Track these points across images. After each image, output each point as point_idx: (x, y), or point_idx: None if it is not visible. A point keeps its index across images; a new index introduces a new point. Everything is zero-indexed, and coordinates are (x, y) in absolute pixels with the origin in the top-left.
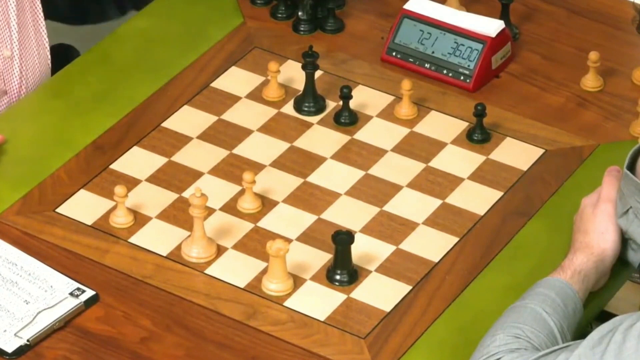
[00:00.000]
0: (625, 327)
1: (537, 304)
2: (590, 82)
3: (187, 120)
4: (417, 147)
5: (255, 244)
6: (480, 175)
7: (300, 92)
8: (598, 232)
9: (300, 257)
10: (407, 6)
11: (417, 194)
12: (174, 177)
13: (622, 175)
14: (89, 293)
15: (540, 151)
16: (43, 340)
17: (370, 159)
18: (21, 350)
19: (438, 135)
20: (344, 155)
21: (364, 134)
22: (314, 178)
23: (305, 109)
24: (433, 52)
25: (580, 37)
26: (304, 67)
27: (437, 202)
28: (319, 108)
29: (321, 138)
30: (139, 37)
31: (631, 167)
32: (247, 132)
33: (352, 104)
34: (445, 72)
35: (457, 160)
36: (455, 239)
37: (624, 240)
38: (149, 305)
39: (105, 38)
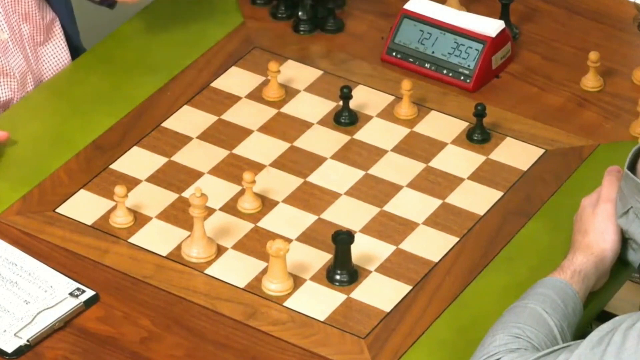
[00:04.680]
0: (625, 327)
1: (537, 303)
2: (590, 82)
3: (187, 120)
4: (417, 147)
5: (255, 244)
6: (480, 175)
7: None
8: (598, 232)
9: (300, 257)
10: (407, 6)
11: (417, 194)
12: (174, 177)
13: (622, 175)
14: (89, 293)
15: (540, 151)
16: (43, 340)
17: (370, 159)
18: (21, 351)
19: (438, 135)
20: (344, 155)
21: (364, 134)
22: (314, 178)
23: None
24: (433, 52)
25: (580, 37)
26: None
27: (437, 202)
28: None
29: (321, 138)
30: (139, 37)
31: (632, 167)
32: (247, 132)
33: (352, 104)
34: (445, 72)
35: (457, 160)
36: (455, 239)
37: (624, 240)
38: (149, 305)
39: (105, 38)
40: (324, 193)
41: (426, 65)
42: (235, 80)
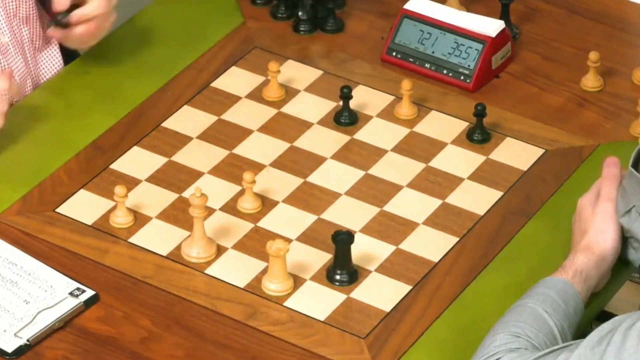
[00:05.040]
0: (625, 327)
1: (537, 303)
2: (590, 82)
3: (187, 120)
4: (417, 147)
5: (255, 244)
6: (480, 175)
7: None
8: (598, 231)
9: (300, 257)
10: (407, 6)
11: (417, 194)
12: (174, 177)
13: (626, 174)
14: (89, 293)
15: (540, 151)
16: (43, 340)
17: (370, 159)
18: (21, 350)
19: (438, 135)
20: (344, 155)
21: (364, 134)
22: (314, 178)
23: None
24: (433, 52)
25: (580, 37)
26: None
27: (437, 202)
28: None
29: (321, 138)
30: (139, 37)
31: (636, 166)
32: (247, 132)
33: (352, 104)
34: (445, 72)
35: (457, 160)
36: (455, 239)
37: (624, 239)
38: (149, 305)
39: (105, 38)
40: (324, 193)
41: (426, 65)
42: (235, 80)
